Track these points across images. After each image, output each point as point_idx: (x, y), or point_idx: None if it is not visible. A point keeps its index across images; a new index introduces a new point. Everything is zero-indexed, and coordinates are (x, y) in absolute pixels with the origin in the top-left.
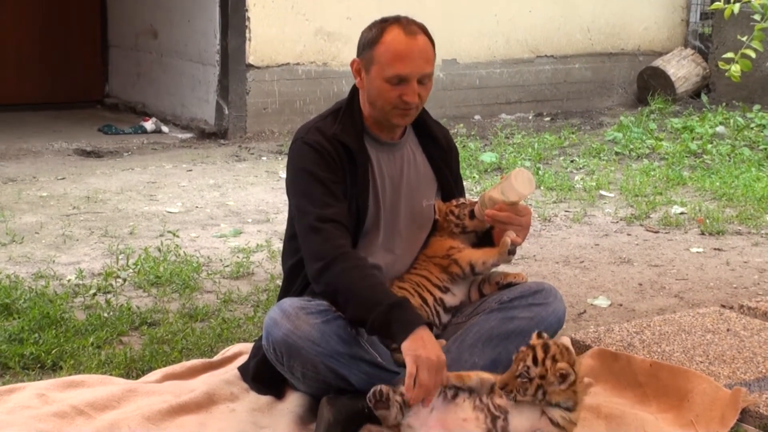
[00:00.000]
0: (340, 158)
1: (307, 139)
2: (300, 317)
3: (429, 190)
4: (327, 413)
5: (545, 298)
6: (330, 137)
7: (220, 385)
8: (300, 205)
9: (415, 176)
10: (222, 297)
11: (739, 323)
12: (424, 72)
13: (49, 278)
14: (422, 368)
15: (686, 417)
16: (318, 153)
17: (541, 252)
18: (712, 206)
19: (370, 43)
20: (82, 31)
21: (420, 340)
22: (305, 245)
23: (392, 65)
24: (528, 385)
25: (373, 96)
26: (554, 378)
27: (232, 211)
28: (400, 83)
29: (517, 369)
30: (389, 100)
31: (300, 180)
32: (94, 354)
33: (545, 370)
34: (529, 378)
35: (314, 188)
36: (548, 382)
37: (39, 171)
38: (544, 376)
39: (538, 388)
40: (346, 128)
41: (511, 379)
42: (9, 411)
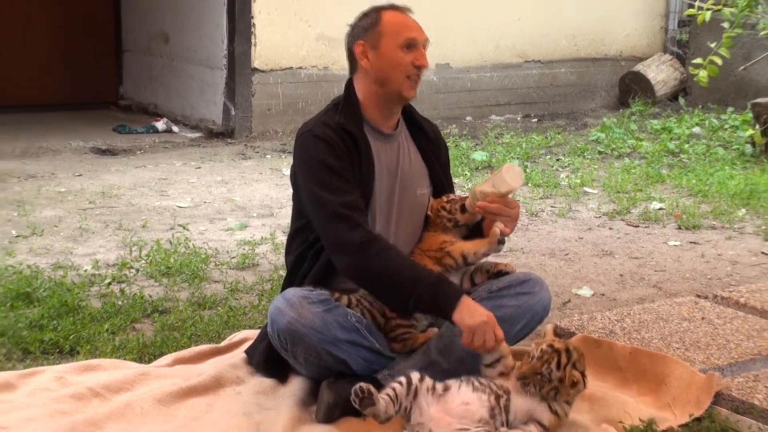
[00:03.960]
0: (347, 146)
1: (315, 131)
2: (303, 306)
3: (422, 180)
4: (327, 396)
5: (532, 287)
6: (335, 127)
7: (226, 369)
8: (317, 195)
9: (409, 166)
10: (229, 286)
11: (713, 312)
12: (426, 37)
13: (67, 268)
14: (478, 334)
15: (664, 399)
16: (327, 143)
17: (529, 245)
18: (688, 202)
19: (373, 23)
20: (98, 37)
21: (466, 309)
22: (330, 233)
23: (402, 32)
24: (546, 385)
25: (386, 69)
26: (569, 384)
27: (238, 206)
28: (411, 48)
29: (539, 367)
30: (404, 67)
31: (314, 171)
32: (109, 339)
33: (564, 375)
34: (549, 379)
35: (329, 177)
36: (563, 386)
37: (57, 168)
38: (563, 380)
39: (554, 389)
40: (347, 118)
41: (532, 375)
42: (29, 393)
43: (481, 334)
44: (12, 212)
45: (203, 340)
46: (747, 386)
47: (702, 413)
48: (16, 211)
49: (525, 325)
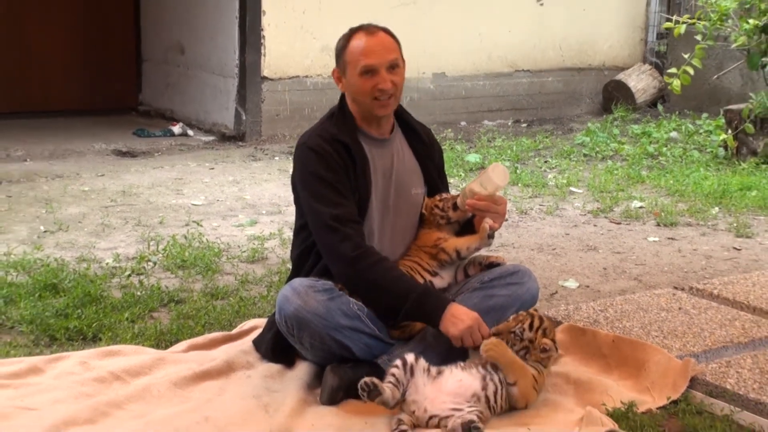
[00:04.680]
0: (341, 156)
1: (309, 144)
2: (309, 295)
3: (416, 181)
4: (331, 380)
5: (521, 278)
6: (329, 139)
7: (238, 355)
8: (313, 206)
9: (404, 168)
10: (239, 278)
11: (689, 302)
12: (389, 59)
13: (90, 261)
14: (465, 339)
15: (643, 384)
16: (321, 156)
17: (519, 240)
18: (666, 201)
19: (341, 50)
20: (119, 48)
21: (451, 318)
22: (324, 245)
23: (361, 60)
24: (518, 343)
25: (354, 93)
26: (539, 347)
27: (249, 204)
28: (371, 74)
29: (514, 326)
30: (367, 92)
31: (309, 184)
32: (128, 327)
33: (535, 337)
34: (521, 338)
35: (324, 189)
36: (533, 347)
37: (82, 169)
38: (533, 341)
39: (524, 348)
40: (341, 129)
41: (506, 332)
42: (56, 377)
43: (468, 338)
44: (40, 209)
45: (216, 328)
46: (720, 371)
47: (678, 396)
48: (44, 209)
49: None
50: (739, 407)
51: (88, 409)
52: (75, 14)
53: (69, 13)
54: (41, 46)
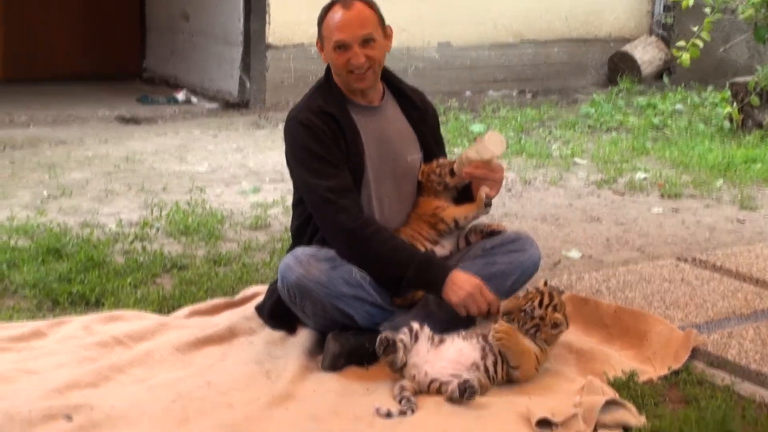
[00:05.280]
0: (331, 129)
1: (298, 118)
2: (311, 263)
3: (412, 147)
4: (333, 347)
5: (522, 245)
6: (317, 111)
7: (240, 321)
8: (306, 181)
9: (398, 135)
10: (242, 245)
11: (692, 274)
12: (361, 34)
13: (93, 227)
14: (469, 307)
15: (645, 354)
16: (311, 130)
17: (522, 210)
18: (670, 173)
19: (320, 23)
20: (124, 15)
21: (453, 286)
22: (321, 218)
23: (333, 35)
24: (528, 321)
25: (332, 67)
26: (549, 323)
27: (252, 171)
28: (343, 49)
29: (523, 304)
30: (341, 66)
31: (301, 158)
32: (131, 292)
33: (545, 314)
34: (531, 315)
35: (316, 163)
36: (544, 324)
37: (85, 135)
38: (543, 318)
39: (535, 326)
40: (328, 100)
41: (516, 311)
42: (59, 341)
43: (471, 305)
44: (44, 175)
45: (218, 294)
46: (721, 342)
47: (680, 367)
48: (47, 174)
49: (516, 280)
50: (740, 378)
51: (91, 373)
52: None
53: None
54: (46, 13)
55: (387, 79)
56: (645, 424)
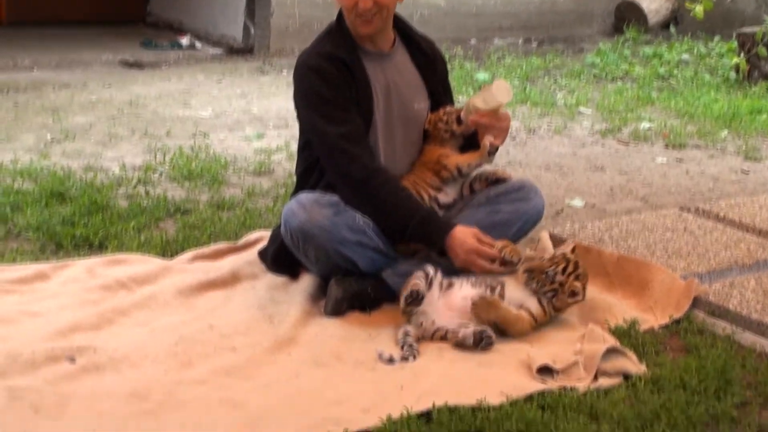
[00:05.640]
0: (342, 74)
1: (309, 63)
2: (314, 209)
3: (419, 95)
4: (335, 291)
5: (527, 194)
6: (327, 57)
7: (243, 266)
8: (318, 126)
9: (406, 82)
10: (246, 190)
11: (694, 223)
12: None
13: (97, 170)
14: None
15: (646, 303)
16: (322, 75)
17: (526, 159)
18: (675, 123)
19: None
20: None
21: (453, 242)
22: (332, 165)
23: None
24: (546, 284)
25: (343, 10)
26: (567, 291)
27: (256, 117)
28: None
29: (547, 267)
30: (349, 9)
31: (312, 103)
32: (134, 236)
33: (566, 281)
34: (552, 280)
35: (327, 108)
36: (562, 291)
37: (89, 79)
38: (563, 284)
39: (553, 290)
40: (339, 46)
41: (538, 272)
42: (62, 283)
43: (473, 263)
44: (47, 118)
45: (221, 239)
46: (723, 292)
47: (681, 316)
48: (51, 117)
49: (519, 228)
50: (740, 328)
51: (94, 315)
52: None
53: None
54: None
55: (398, 27)
56: (645, 372)
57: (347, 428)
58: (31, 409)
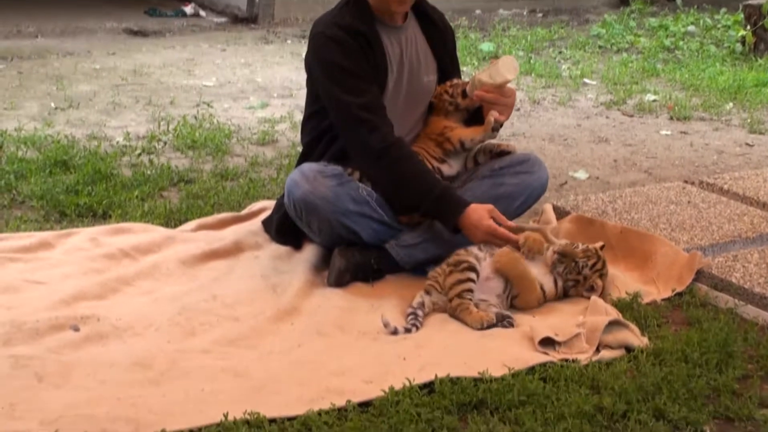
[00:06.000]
0: (360, 45)
1: (328, 33)
2: (318, 180)
3: (429, 68)
4: (338, 262)
5: (531, 167)
6: (346, 28)
7: (246, 236)
8: (336, 97)
9: (418, 55)
10: (249, 160)
11: (698, 196)
12: None
13: (100, 139)
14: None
15: (649, 275)
16: (341, 45)
17: (530, 130)
18: (680, 95)
19: None
20: None
21: (468, 221)
22: (350, 136)
23: None
24: (572, 272)
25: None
26: (588, 285)
27: (260, 86)
28: None
29: (580, 257)
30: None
31: (331, 73)
32: (138, 205)
33: (590, 276)
34: (578, 271)
35: (347, 79)
36: (582, 283)
37: (93, 47)
38: (587, 279)
39: (575, 280)
40: (358, 18)
41: (570, 259)
42: (66, 252)
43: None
44: (51, 86)
45: (225, 209)
46: (726, 265)
47: (684, 289)
48: (55, 86)
49: (523, 202)
50: (743, 301)
51: (97, 284)
52: None
53: None
54: None
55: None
56: (647, 345)
57: (349, 399)
58: (35, 377)
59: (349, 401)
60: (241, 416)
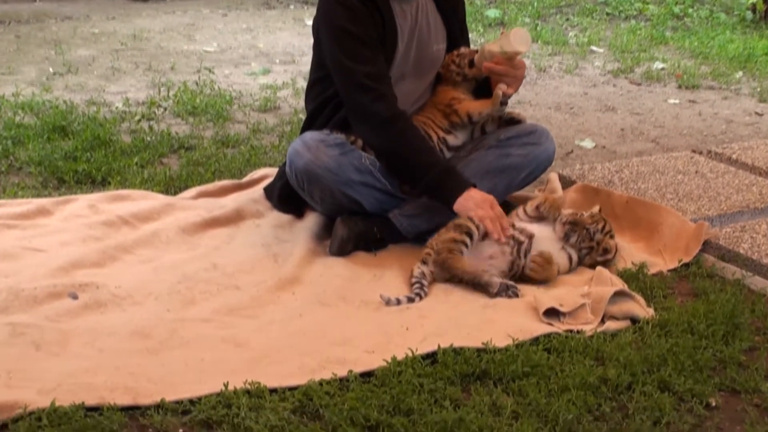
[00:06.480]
0: (370, 12)
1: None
2: (320, 149)
3: (439, 36)
4: (341, 231)
5: (538, 138)
6: None
7: (247, 204)
8: (343, 64)
9: (427, 24)
10: (251, 127)
11: (706, 166)
12: None
13: (99, 105)
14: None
15: (655, 246)
16: (351, 11)
17: (536, 98)
18: (689, 63)
19: None
20: None
21: (470, 199)
22: (354, 103)
23: None
24: (586, 240)
25: None
26: (601, 250)
27: (262, 52)
28: None
29: (589, 223)
30: None
31: (339, 39)
32: (138, 172)
33: (602, 240)
34: (591, 237)
35: (354, 46)
36: (597, 250)
37: (92, 11)
38: (600, 243)
39: (589, 248)
40: None
41: (581, 227)
42: (64, 219)
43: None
44: (49, 51)
45: (226, 176)
46: (734, 236)
47: (690, 260)
48: (53, 50)
49: (530, 173)
50: (750, 272)
51: (96, 252)
52: None
53: None
54: None
55: None
56: (653, 316)
57: (351, 369)
58: (33, 345)
59: (351, 371)
60: (242, 386)
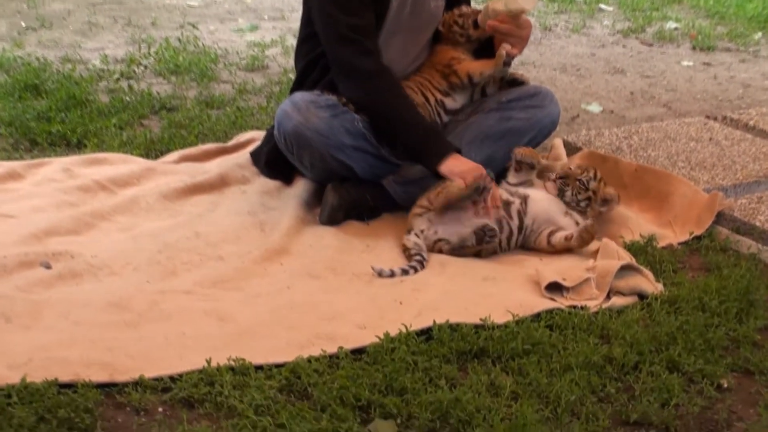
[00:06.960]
0: None
1: None
2: (310, 111)
3: None
4: (332, 198)
5: (542, 101)
6: None
7: (232, 168)
8: (328, 13)
9: None
10: (237, 87)
11: (721, 133)
12: None
13: (75, 62)
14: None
15: (665, 217)
16: None
17: (540, 59)
18: (704, 23)
19: None
20: None
21: (456, 160)
22: (337, 55)
23: None
24: (582, 192)
25: None
26: (600, 198)
27: (250, 7)
28: None
29: (579, 174)
30: None
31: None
32: (116, 134)
33: (598, 187)
34: (586, 187)
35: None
36: (595, 200)
37: None
38: (596, 192)
39: (587, 198)
40: None
41: (572, 178)
42: (37, 183)
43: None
44: (21, 3)
45: (210, 139)
46: (750, 207)
47: (702, 232)
48: (26, 3)
49: (533, 138)
50: (767, 246)
51: (71, 219)
52: None
53: None
54: None
55: None
56: (662, 291)
57: (342, 345)
58: (2, 317)
59: (341, 348)
60: (225, 362)
